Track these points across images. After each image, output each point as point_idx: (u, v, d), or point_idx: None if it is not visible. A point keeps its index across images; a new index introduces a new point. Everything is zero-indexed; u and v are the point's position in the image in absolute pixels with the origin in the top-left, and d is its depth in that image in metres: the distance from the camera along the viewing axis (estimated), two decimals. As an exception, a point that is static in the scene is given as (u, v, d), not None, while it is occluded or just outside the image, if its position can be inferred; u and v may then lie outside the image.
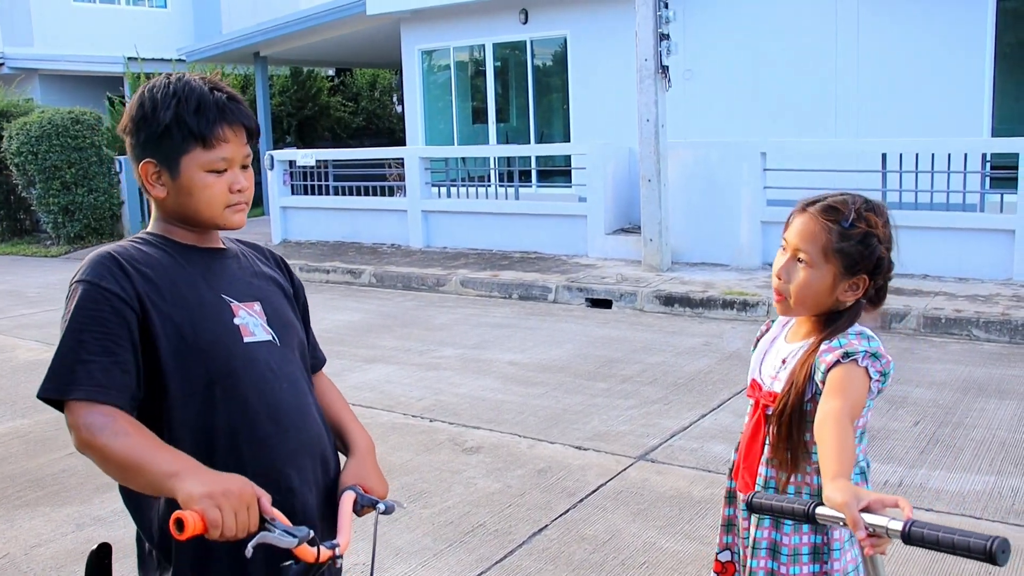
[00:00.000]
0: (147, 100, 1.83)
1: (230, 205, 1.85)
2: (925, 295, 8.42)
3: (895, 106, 11.30)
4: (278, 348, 1.91)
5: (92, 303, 1.74)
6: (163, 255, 1.85)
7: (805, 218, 2.05)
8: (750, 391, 2.16)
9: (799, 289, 2.04)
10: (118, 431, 1.65)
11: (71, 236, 15.91)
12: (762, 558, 2.08)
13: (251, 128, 1.87)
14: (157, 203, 1.90)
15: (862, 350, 1.96)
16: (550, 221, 11.97)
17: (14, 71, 20.84)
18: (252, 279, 1.96)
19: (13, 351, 8.50)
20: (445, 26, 15.23)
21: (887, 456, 5.05)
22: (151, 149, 1.82)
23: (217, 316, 1.83)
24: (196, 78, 1.85)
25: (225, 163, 1.82)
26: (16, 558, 4.27)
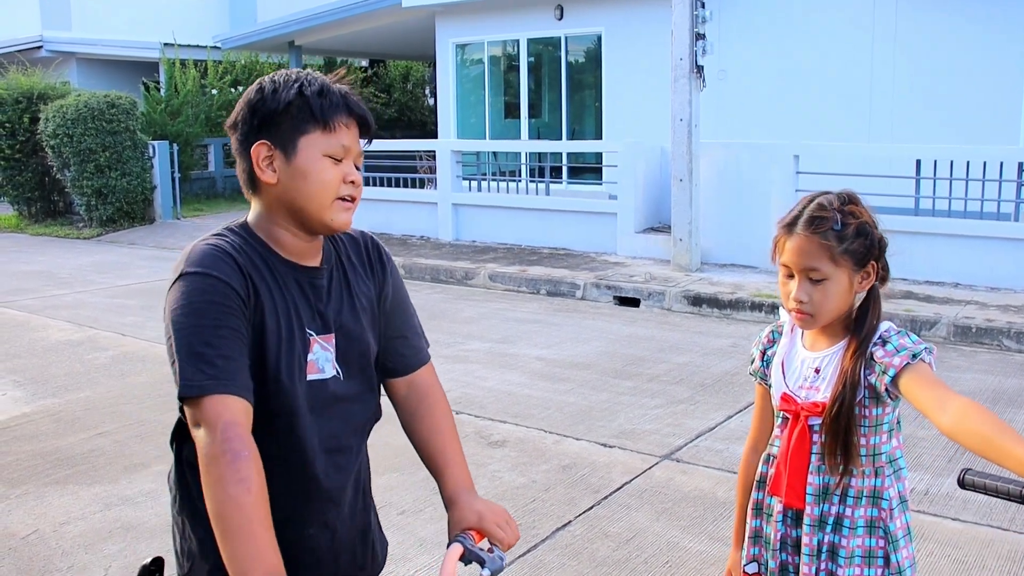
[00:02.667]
0: (268, 84, 1.77)
1: (341, 197, 1.78)
2: (956, 303, 8.36)
3: (930, 112, 11.21)
4: (341, 383, 1.86)
5: (219, 295, 1.66)
6: (265, 268, 1.77)
7: (798, 240, 2.05)
8: (784, 405, 2.15)
9: (823, 304, 2.05)
10: (242, 476, 1.54)
11: (103, 219, 16.05)
12: (822, 561, 2.11)
13: (368, 124, 1.82)
14: (262, 195, 1.80)
15: (921, 347, 1.99)
16: (580, 218, 11.96)
17: (52, 54, 21.04)
18: (336, 303, 1.87)
19: (45, 331, 8.60)
20: (479, 20, 15.25)
21: (915, 463, 5.02)
22: (267, 130, 1.75)
23: (295, 352, 1.77)
24: (317, 73, 1.80)
25: (343, 151, 1.77)
26: (45, 534, 4.33)
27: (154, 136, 17.53)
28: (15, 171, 16.99)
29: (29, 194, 17.41)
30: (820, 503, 2.11)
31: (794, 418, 2.13)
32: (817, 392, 2.10)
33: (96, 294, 10.45)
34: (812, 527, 2.11)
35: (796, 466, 2.12)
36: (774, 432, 2.22)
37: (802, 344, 2.18)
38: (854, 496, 2.10)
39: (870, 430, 2.08)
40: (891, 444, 2.13)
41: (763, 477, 2.24)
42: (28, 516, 4.53)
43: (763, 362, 2.26)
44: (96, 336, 8.34)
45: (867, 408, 2.06)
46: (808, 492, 2.12)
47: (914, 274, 9.39)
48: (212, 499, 1.54)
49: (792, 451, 2.12)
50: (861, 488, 2.10)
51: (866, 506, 2.10)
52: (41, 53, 21.10)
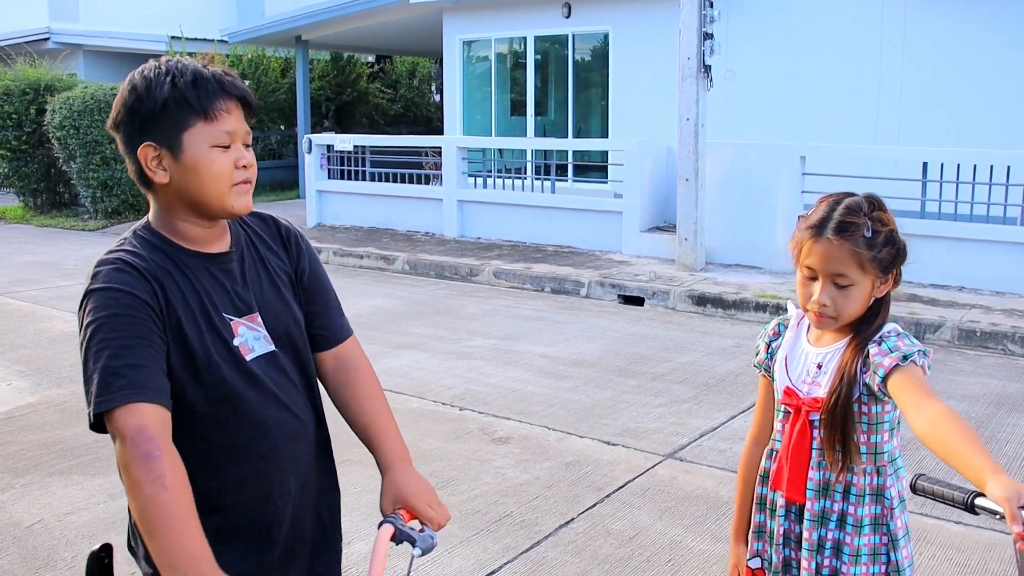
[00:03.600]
0: (139, 82, 1.75)
1: (236, 183, 1.78)
2: (961, 307, 8.35)
3: (938, 115, 11.20)
4: (279, 357, 1.89)
5: (125, 308, 1.68)
6: (171, 265, 1.79)
7: (827, 246, 2.03)
8: (786, 399, 2.17)
9: (846, 308, 2.06)
10: (156, 476, 1.55)
11: (108, 211, 16.07)
12: (826, 557, 2.13)
13: (250, 102, 1.80)
14: (158, 193, 1.80)
15: (915, 349, 2.01)
16: (585, 216, 11.96)
17: (59, 46, 21.06)
18: (253, 284, 1.90)
19: (50, 321, 8.61)
20: (487, 17, 15.24)
21: (917, 466, 5.01)
22: (149, 131, 1.74)
23: (219, 340, 1.79)
24: (186, 59, 1.79)
25: (229, 137, 1.75)
26: (49, 524, 4.34)
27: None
28: (21, 162, 17.03)
29: (35, 185, 17.44)
30: (821, 498, 2.13)
31: (795, 413, 2.15)
32: (818, 388, 2.11)
33: (101, 286, 10.45)
34: (813, 522, 2.13)
35: (797, 461, 2.14)
36: (776, 427, 2.23)
37: (807, 339, 2.19)
38: (857, 494, 2.11)
39: (871, 428, 2.10)
40: (892, 443, 2.15)
41: (766, 472, 2.26)
42: (33, 506, 4.55)
43: (768, 354, 2.28)
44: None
45: (866, 405, 2.08)
46: (808, 487, 2.13)
47: (919, 277, 9.37)
48: (133, 503, 1.57)
49: (793, 446, 2.14)
50: (864, 486, 2.11)
51: (869, 504, 2.11)
52: (48, 45, 21.12)
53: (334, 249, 12.15)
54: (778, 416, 2.22)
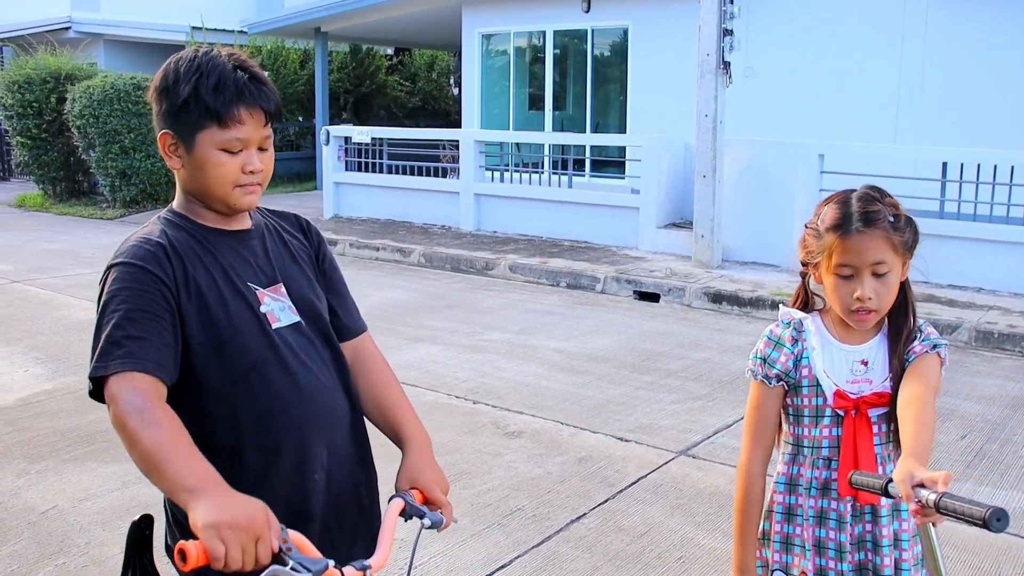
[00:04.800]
0: (171, 72, 1.82)
1: (241, 185, 1.84)
2: (979, 308, 8.30)
3: (958, 115, 11.12)
4: (304, 328, 1.93)
5: (140, 284, 1.74)
6: (193, 241, 1.85)
7: (859, 238, 2.06)
8: (839, 401, 2.13)
9: (886, 297, 2.10)
10: (151, 420, 1.60)
11: (127, 200, 16.13)
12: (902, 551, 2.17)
13: (270, 111, 1.84)
14: (178, 177, 1.90)
15: (943, 342, 2.12)
16: (602, 211, 11.94)
17: (80, 35, 21.13)
18: (276, 259, 1.96)
19: (68, 309, 8.67)
20: (506, 11, 15.22)
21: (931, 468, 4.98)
22: (170, 121, 1.82)
23: (245, 307, 1.84)
24: (224, 54, 1.83)
25: (240, 144, 1.81)
26: (64, 510, 4.37)
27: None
28: (41, 151, 17.12)
29: (54, 174, 17.54)
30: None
31: (848, 414, 2.13)
32: (870, 384, 2.14)
33: (118, 274, 10.50)
34: (888, 517, 2.16)
35: (867, 461, 2.12)
36: (815, 433, 2.17)
37: (835, 340, 2.19)
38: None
39: None
40: None
41: (810, 483, 2.18)
42: (47, 492, 4.58)
43: (792, 363, 2.19)
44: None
45: None
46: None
47: (937, 277, 9.32)
48: (134, 454, 1.60)
49: (858, 446, 2.13)
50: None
51: None
52: (69, 34, 21.20)
53: (350, 241, 12.17)
54: (819, 423, 2.16)
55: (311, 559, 1.53)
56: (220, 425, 1.82)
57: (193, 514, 1.48)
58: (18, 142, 17.27)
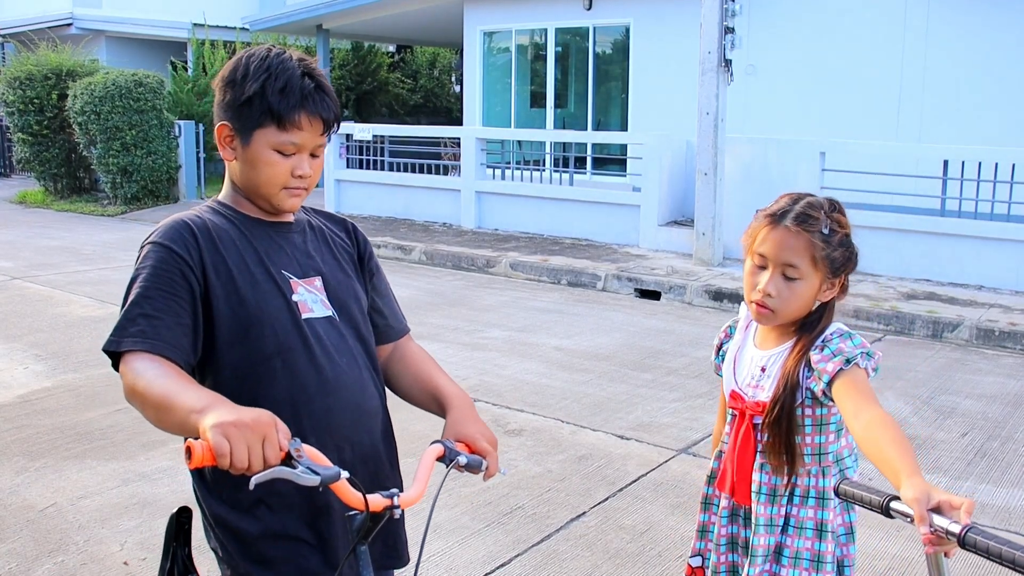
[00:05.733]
0: (241, 66, 1.86)
1: (288, 187, 1.87)
2: (979, 306, 8.29)
3: (959, 112, 11.10)
4: (337, 323, 1.94)
5: (162, 263, 1.79)
6: (231, 227, 1.90)
7: (783, 233, 2.03)
8: (732, 402, 2.15)
9: (789, 302, 2.04)
10: (158, 373, 1.65)
11: (128, 197, 16.13)
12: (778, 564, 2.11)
13: (329, 121, 1.88)
14: (228, 168, 1.94)
15: (858, 352, 1.99)
16: (603, 209, 11.93)
17: (82, 32, 21.14)
18: (316, 253, 1.98)
19: (68, 306, 8.66)
20: (508, 8, 15.21)
21: (933, 466, 4.98)
22: (231, 113, 1.86)
23: (276, 293, 1.87)
24: (294, 57, 1.86)
25: (294, 147, 1.85)
26: (63, 507, 4.36)
27: (180, 116, 17.59)
28: (42, 147, 17.12)
29: (55, 170, 17.54)
30: (771, 503, 2.10)
31: (740, 416, 2.13)
32: (761, 391, 2.10)
33: (119, 271, 10.51)
34: (765, 527, 2.10)
35: (742, 463, 2.12)
36: (726, 430, 2.22)
37: (753, 342, 2.18)
38: (801, 495, 2.09)
39: (815, 429, 2.08)
40: (839, 443, 2.12)
41: (712, 472, 2.25)
42: (46, 489, 4.57)
43: (719, 357, 2.28)
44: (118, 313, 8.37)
45: (810, 408, 2.06)
46: (753, 490, 2.11)
47: (938, 275, 9.32)
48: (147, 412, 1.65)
49: (739, 449, 2.13)
50: (808, 487, 2.09)
51: (814, 507, 2.09)
52: (71, 30, 21.20)
53: (351, 238, 12.15)
54: (727, 418, 2.21)
55: (325, 467, 1.52)
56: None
57: (202, 424, 1.49)
58: (19, 138, 17.28)
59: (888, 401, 6.06)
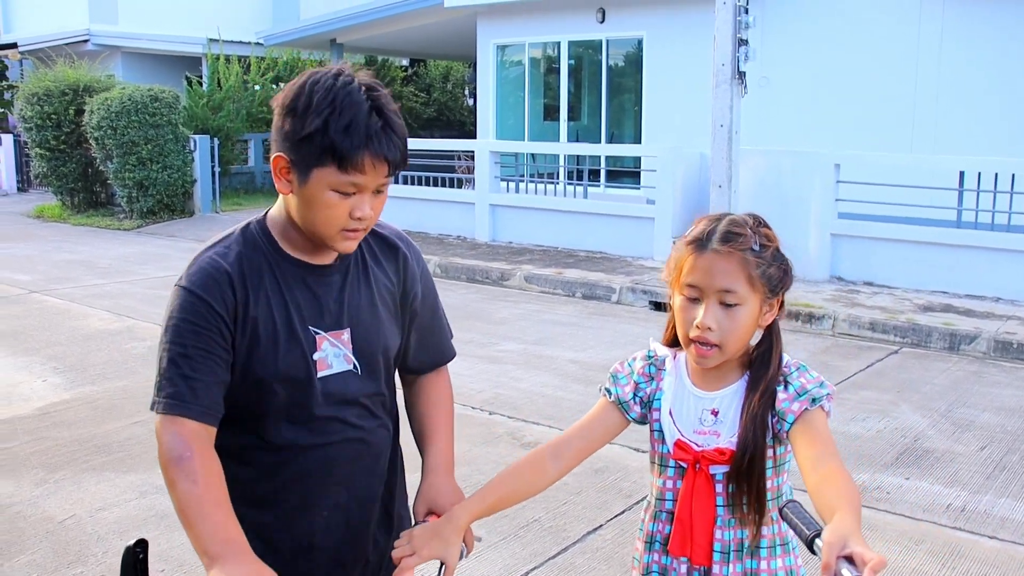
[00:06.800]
0: (304, 95, 1.71)
1: (346, 229, 1.76)
2: (997, 318, 8.25)
3: (974, 124, 11.08)
4: (357, 377, 1.88)
5: (200, 319, 1.74)
6: (267, 269, 1.81)
7: (712, 257, 1.82)
8: (679, 453, 1.91)
9: (733, 333, 1.82)
10: (188, 473, 1.64)
11: (144, 211, 16.22)
12: None
13: (395, 162, 1.74)
14: (283, 199, 1.83)
15: (824, 392, 1.84)
16: (617, 222, 11.94)
17: (98, 48, 21.31)
18: (352, 299, 1.89)
19: (85, 319, 8.71)
20: (521, 22, 15.26)
21: (951, 479, 4.96)
22: (289, 146, 1.72)
23: (298, 352, 1.81)
24: (363, 88, 1.72)
25: (354, 188, 1.72)
26: (82, 519, 4.38)
27: (195, 130, 17.70)
28: (59, 162, 17.25)
29: (72, 184, 17.66)
30: (730, 561, 1.90)
31: (691, 468, 1.89)
32: (718, 437, 1.88)
33: (135, 284, 10.57)
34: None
35: (701, 521, 1.90)
36: (661, 484, 1.97)
37: (691, 383, 1.95)
38: (768, 546, 1.91)
39: (775, 471, 1.91)
40: (788, 482, 1.97)
41: (653, 536, 2.00)
42: (66, 501, 4.60)
43: (634, 395, 2.01)
44: (134, 326, 8.43)
45: (771, 449, 1.88)
46: (717, 549, 1.90)
47: (955, 288, 9.28)
48: (173, 499, 1.66)
49: (695, 504, 1.90)
50: (773, 536, 1.92)
51: (782, 555, 1.92)
52: (88, 46, 21.38)
53: (366, 251, 12.19)
54: (664, 472, 1.95)
55: None
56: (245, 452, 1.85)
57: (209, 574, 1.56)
58: (37, 154, 17.41)
59: (905, 414, 6.04)
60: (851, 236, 10.07)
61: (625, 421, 2.03)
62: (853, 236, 10.05)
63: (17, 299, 9.70)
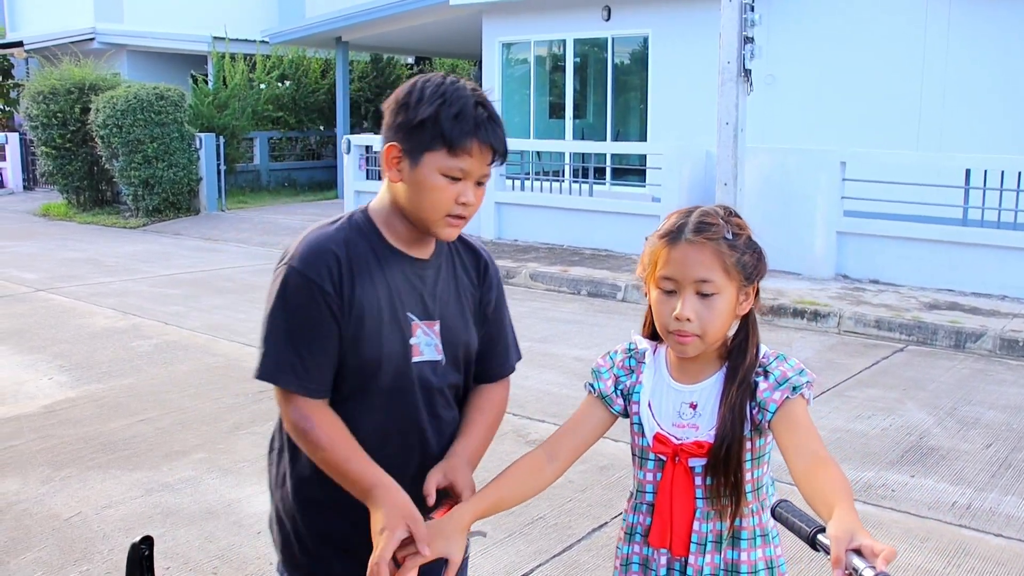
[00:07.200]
0: (416, 90, 1.88)
1: (451, 214, 1.89)
2: (1003, 316, 8.23)
3: (981, 122, 11.06)
4: (442, 367, 2.00)
5: (310, 300, 1.86)
6: (371, 255, 1.93)
7: (686, 249, 1.84)
8: (658, 446, 1.93)
9: (712, 323, 1.84)
10: (315, 443, 1.84)
11: (149, 209, 16.26)
12: None
13: (498, 151, 1.90)
14: (391, 189, 1.95)
15: (805, 380, 1.86)
16: (623, 219, 11.93)
17: (104, 46, 21.34)
18: (442, 295, 2.01)
19: (91, 317, 8.72)
20: (527, 19, 15.26)
21: (956, 477, 4.95)
22: (402, 135, 1.87)
23: (397, 335, 1.93)
24: (468, 87, 1.89)
25: (462, 173, 1.86)
26: (88, 517, 4.39)
27: (201, 128, 17.72)
28: (65, 160, 17.28)
29: (78, 183, 17.70)
30: (707, 552, 1.92)
31: (670, 460, 1.92)
32: (696, 430, 1.90)
33: (141, 283, 10.59)
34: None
35: (681, 513, 1.92)
36: (641, 476, 1.99)
37: (670, 376, 1.96)
38: (748, 538, 1.92)
39: (754, 463, 1.92)
40: (768, 473, 1.98)
41: (634, 528, 2.02)
42: (71, 499, 4.60)
43: (615, 388, 2.02)
44: (140, 324, 8.45)
45: (750, 441, 1.89)
46: (695, 540, 1.92)
47: (961, 285, 9.26)
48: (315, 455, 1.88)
49: (673, 497, 1.93)
50: (753, 528, 1.93)
51: (762, 546, 1.93)
52: (93, 45, 21.41)
53: (371, 249, 12.20)
54: (644, 465, 1.98)
55: None
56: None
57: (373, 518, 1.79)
58: (42, 152, 17.44)
59: (910, 411, 6.03)
60: (857, 234, 10.05)
61: (611, 415, 2.04)
62: (859, 234, 10.04)
63: (23, 297, 9.72)
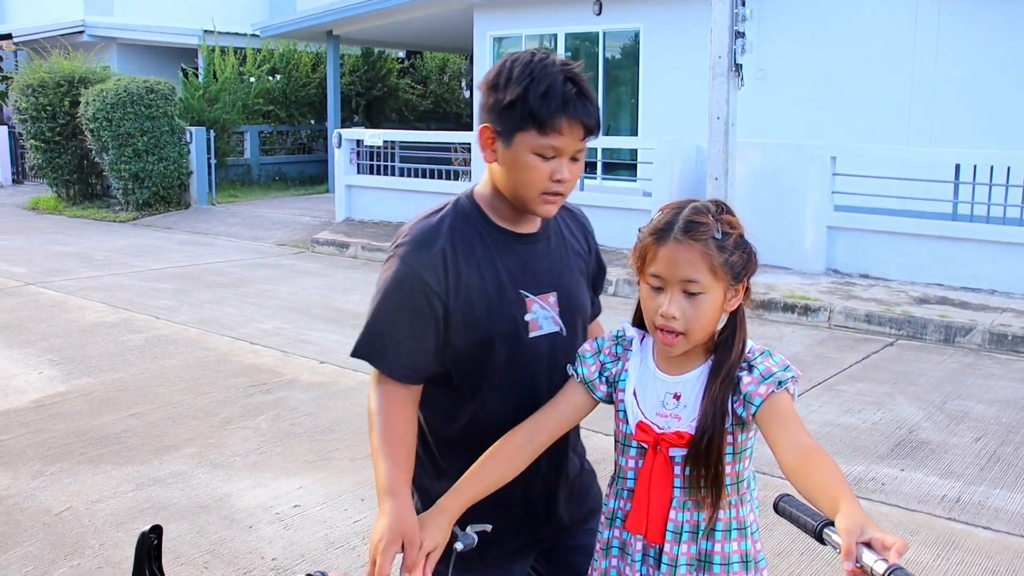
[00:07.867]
0: (505, 71, 1.90)
1: (546, 192, 1.91)
2: (992, 311, 8.27)
3: (971, 116, 11.09)
4: (563, 338, 2.03)
5: (411, 289, 1.91)
6: (477, 238, 1.97)
7: (673, 247, 1.84)
8: (640, 435, 1.93)
9: (697, 321, 1.85)
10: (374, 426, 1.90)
11: (139, 203, 16.20)
12: None
13: (589, 126, 1.90)
14: (489, 170, 1.99)
15: (790, 376, 1.86)
16: (613, 214, 11.91)
17: (94, 39, 21.23)
18: (556, 266, 2.05)
19: (80, 311, 8.70)
20: (518, 13, 15.25)
21: (945, 471, 4.98)
22: (494, 116, 1.90)
23: (510, 312, 1.96)
24: (557, 63, 1.89)
25: (554, 151, 1.88)
26: (79, 511, 4.39)
27: (191, 122, 17.66)
28: (55, 153, 17.21)
29: (68, 176, 17.62)
30: (682, 542, 1.92)
31: (651, 449, 1.93)
32: (679, 420, 1.91)
33: (131, 277, 10.56)
34: (687, 566, 1.93)
35: (658, 501, 1.93)
36: (623, 463, 2.00)
37: (656, 366, 1.97)
38: (723, 530, 1.93)
39: (735, 457, 1.92)
40: (750, 468, 1.99)
41: (615, 513, 2.03)
42: (62, 493, 4.60)
43: (599, 374, 2.01)
44: (131, 318, 8.43)
45: (731, 435, 1.90)
46: (670, 529, 1.92)
47: (950, 280, 9.29)
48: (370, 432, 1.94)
49: (651, 485, 1.93)
50: (730, 520, 1.93)
51: (737, 539, 1.93)
52: (83, 38, 21.30)
53: (362, 244, 12.19)
54: (627, 452, 1.99)
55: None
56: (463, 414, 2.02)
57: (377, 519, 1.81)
58: (32, 145, 17.37)
59: (900, 406, 6.06)
60: (847, 228, 10.08)
61: (592, 400, 2.04)
62: (849, 228, 10.07)
63: (13, 291, 9.69)
